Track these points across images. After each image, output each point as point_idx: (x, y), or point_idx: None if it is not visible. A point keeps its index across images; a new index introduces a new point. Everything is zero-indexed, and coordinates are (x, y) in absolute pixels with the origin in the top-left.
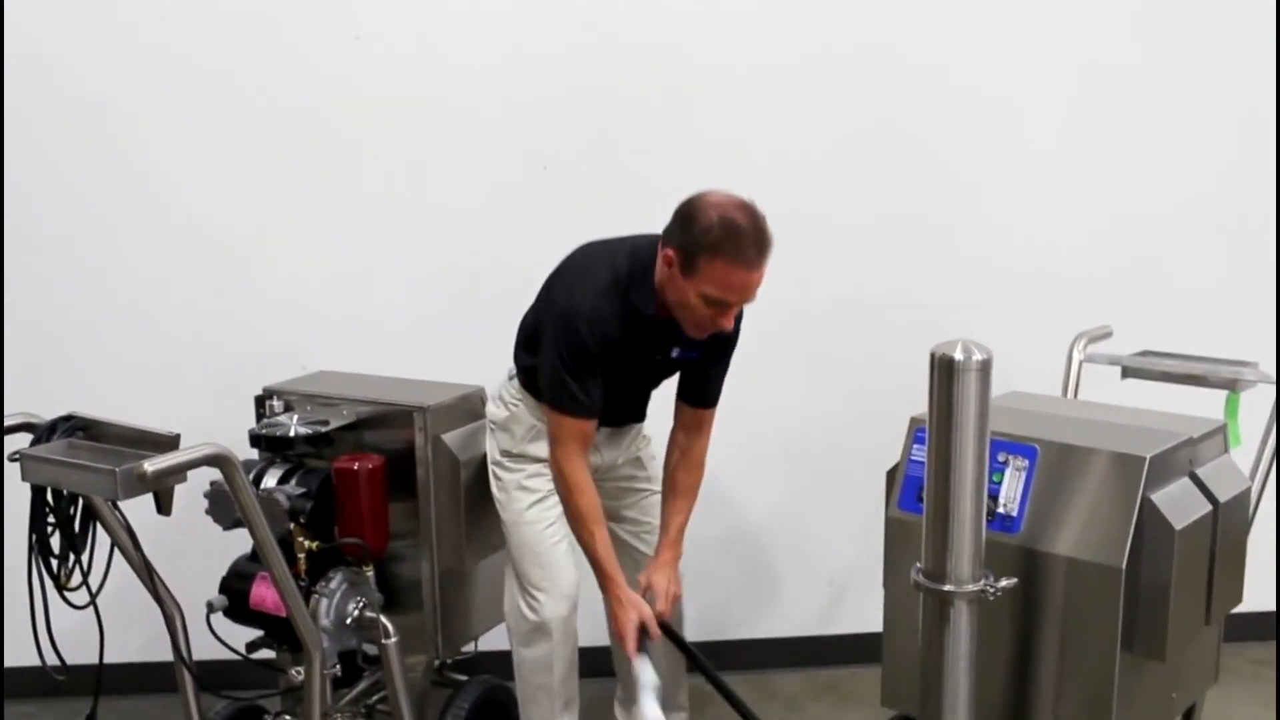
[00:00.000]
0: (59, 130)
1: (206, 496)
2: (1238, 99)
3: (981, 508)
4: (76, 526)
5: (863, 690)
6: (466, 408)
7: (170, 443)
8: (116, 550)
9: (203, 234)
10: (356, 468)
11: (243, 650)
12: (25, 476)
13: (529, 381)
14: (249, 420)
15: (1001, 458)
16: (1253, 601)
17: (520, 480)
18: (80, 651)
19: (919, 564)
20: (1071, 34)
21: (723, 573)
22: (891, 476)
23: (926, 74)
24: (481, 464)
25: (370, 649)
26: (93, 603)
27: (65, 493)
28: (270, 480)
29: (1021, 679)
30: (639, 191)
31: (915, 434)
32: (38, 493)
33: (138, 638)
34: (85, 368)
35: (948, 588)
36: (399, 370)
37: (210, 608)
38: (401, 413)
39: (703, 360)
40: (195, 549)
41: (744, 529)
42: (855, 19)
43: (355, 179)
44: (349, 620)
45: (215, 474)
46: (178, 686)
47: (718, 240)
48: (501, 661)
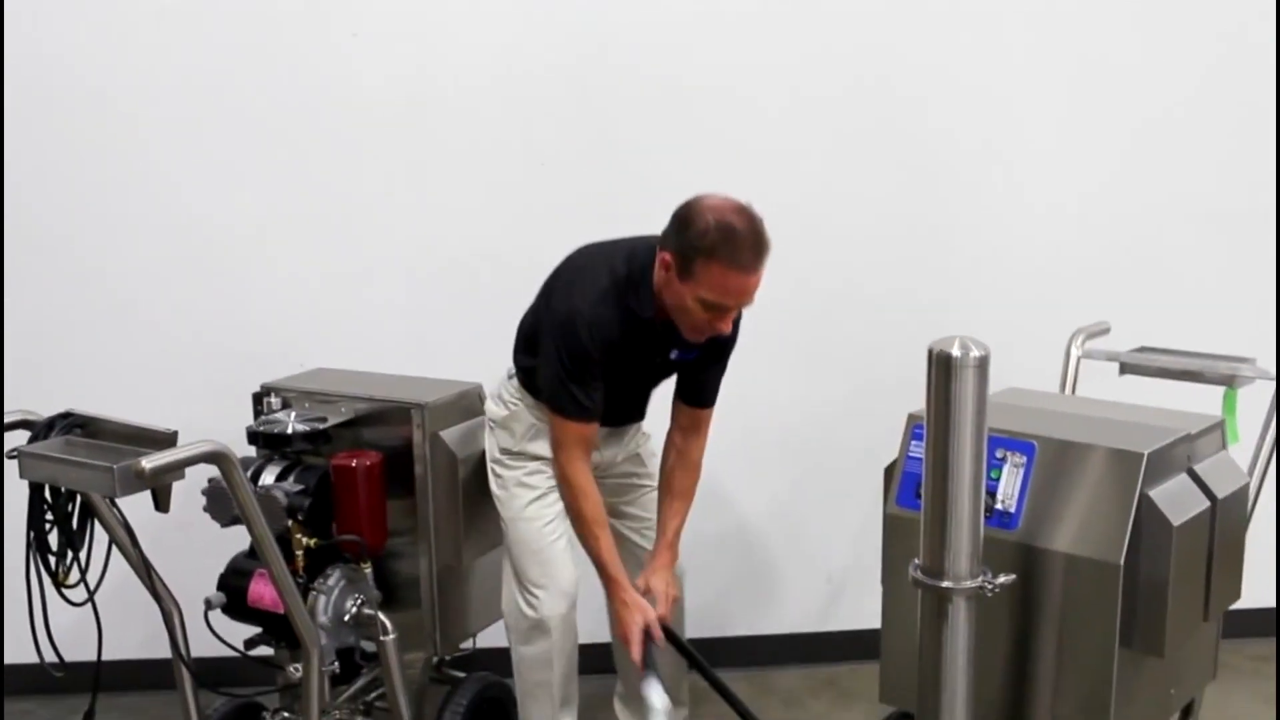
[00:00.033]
0: (58, 129)
1: (204, 494)
2: (1235, 95)
3: (979, 504)
4: (75, 524)
5: (861, 687)
6: (464, 405)
7: (168, 440)
8: (114, 547)
9: (201, 232)
10: (354, 465)
11: (241, 647)
12: (23, 474)
13: (528, 381)
14: (247, 418)
15: (999, 454)
16: (1251, 598)
17: (520, 477)
18: (78, 648)
19: (917, 560)
20: (1069, 32)
21: (721, 570)
22: (889, 473)
23: (925, 73)
24: (479, 461)
25: (368, 646)
26: (91, 600)
27: (63, 490)
28: (268, 477)
29: (1020, 675)
30: (639, 191)
31: (913, 430)
32: (36, 490)
33: (136, 635)
34: (84, 365)
35: (946, 584)
36: (398, 369)
37: (208, 605)
38: (399, 410)
39: (701, 362)
40: (193, 546)
41: (743, 526)
42: (855, 19)
43: (355, 178)
44: (347, 617)
45: (213, 471)
46: (176, 683)
47: (714, 244)
48: (500, 658)
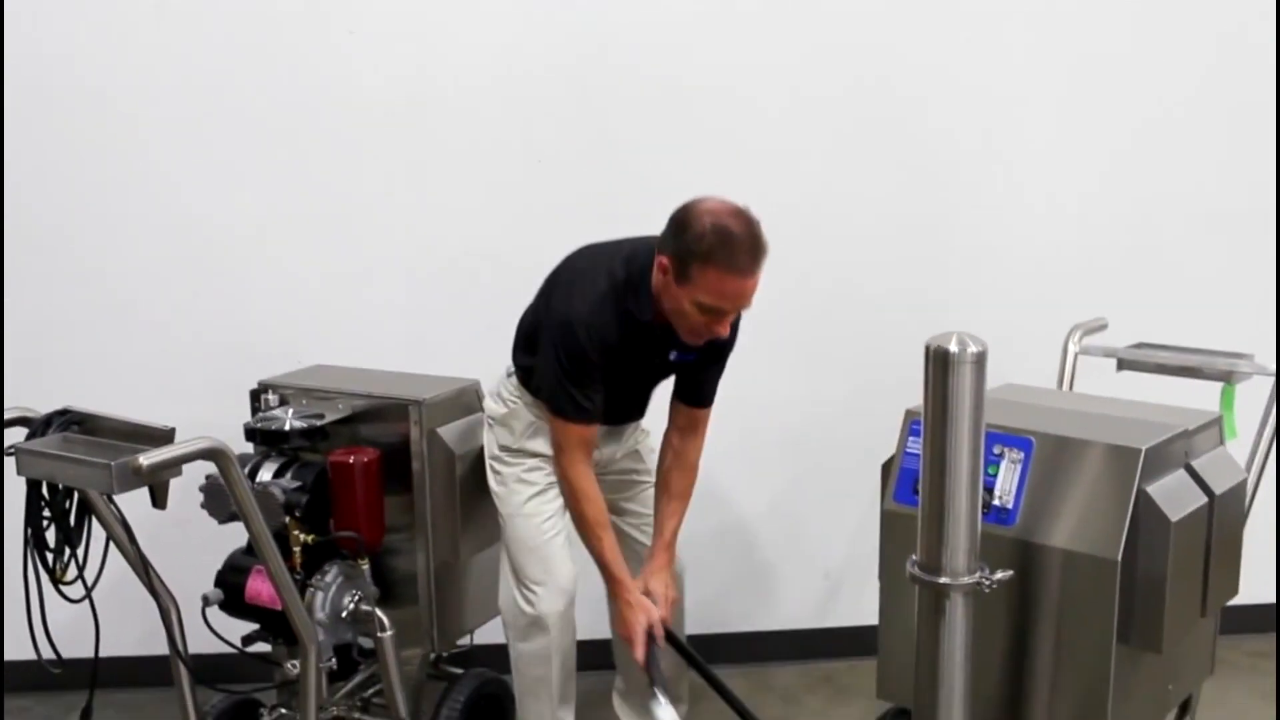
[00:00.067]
0: (57, 128)
1: (202, 490)
2: (1234, 94)
3: (977, 500)
4: (72, 520)
5: (859, 683)
6: (462, 401)
7: (165, 437)
8: (112, 544)
9: (200, 230)
10: (352, 461)
11: (238, 644)
12: (21, 471)
13: (527, 379)
14: (245, 415)
15: (997, 450)
16: (1249, 594)
17: (519, 474)
18: (76, 645)
19: (914, 556)
20: (1069, 31)
21: (719, 566)
22: (887, 469)
23: (925, 72)
24: (477, 458)
25: (366, 642)
26: (88, 596)
27: (61, 487)
28: (265, 474)
29: (1017, 671)
30: (638, 190)
31: (911, 427)
32: (33, 487)
33: (133, 631)
34: (81, 363)
35: (943, 580)
36: (397, 368)
37: (206, 601)
38: (397, 406)
39: (700, 362)
40: (191, 543)
41: (740, 522)
42: (854, 18)
43: (354, 177)
44: (344, 613)
45: (211, 468)
46: (173, 680)
47: (710, 248)
48: (497, 655)
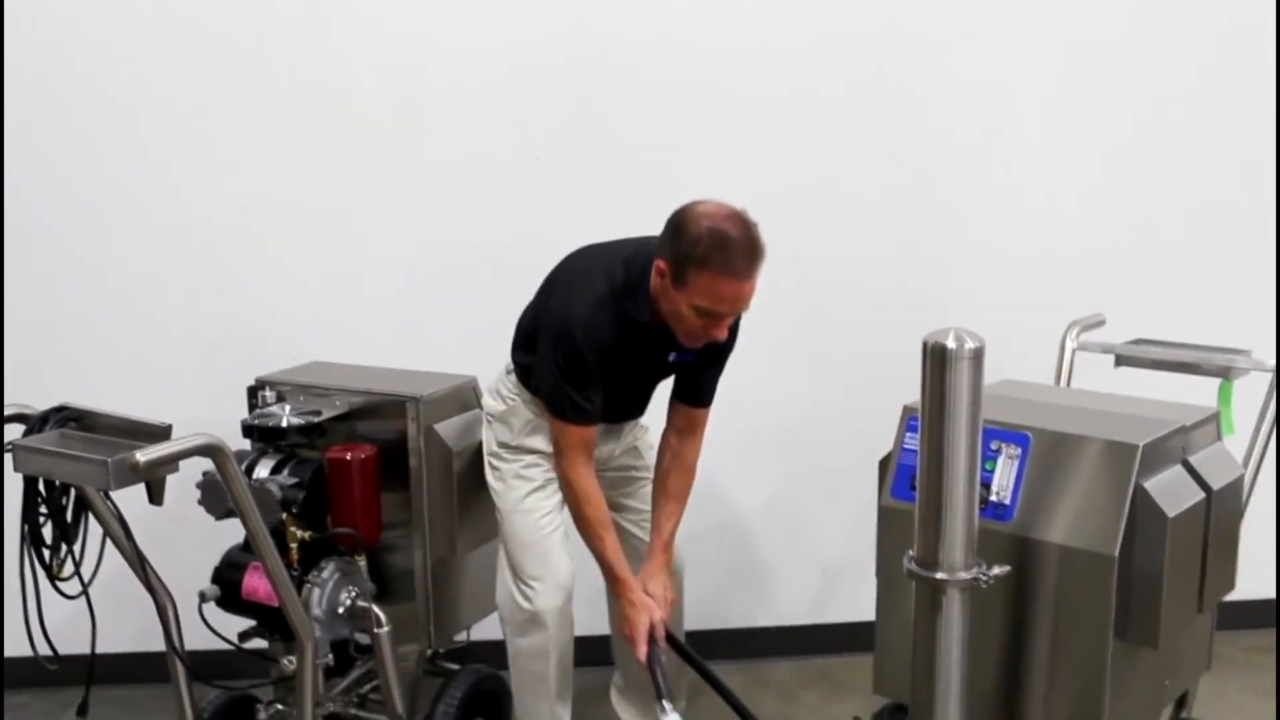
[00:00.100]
0: (55, 124)
1: (199, 487)
2: (1232, 89)
3: (974, 496)
4: (69, 517)
5: (855, 679)
6: (459, 398)
7: (162, 433)
8: (108, 540)
9: (199, 228)
10: (349, 458)
11: (235, 640)
12: (17, 467)
13: (526, 377)
14: (242, 412)
15: (994, 446)
16: (1246, 589)
17: (517, 470)
18: (72, 641)
19: (911, 552)
20: (1067, 26)
21: (716, 562)
22: (884, 465)
23: (921, 65)
24: (474, 454)
25: (362, 638)
26: (85, 593)
27: (57, 483)
28: (262, 470)
29: (1014, 667)
30: (637, 188)
31: (908, 422)
32: (30, 483)
33: (130, 628)
34: (80, 360)
35: (940, 576)
36: (395, 366)
37: (202, 598)
38: (394, 403)
39: (699, 363)
40: (187, 539)
41: (738, 519)
42: (850, 11)
43: (353, 175)
44: (341, 610)
45: (208, 464)
46: (170, 676)
47: (706, 252)
48: (494, 650)
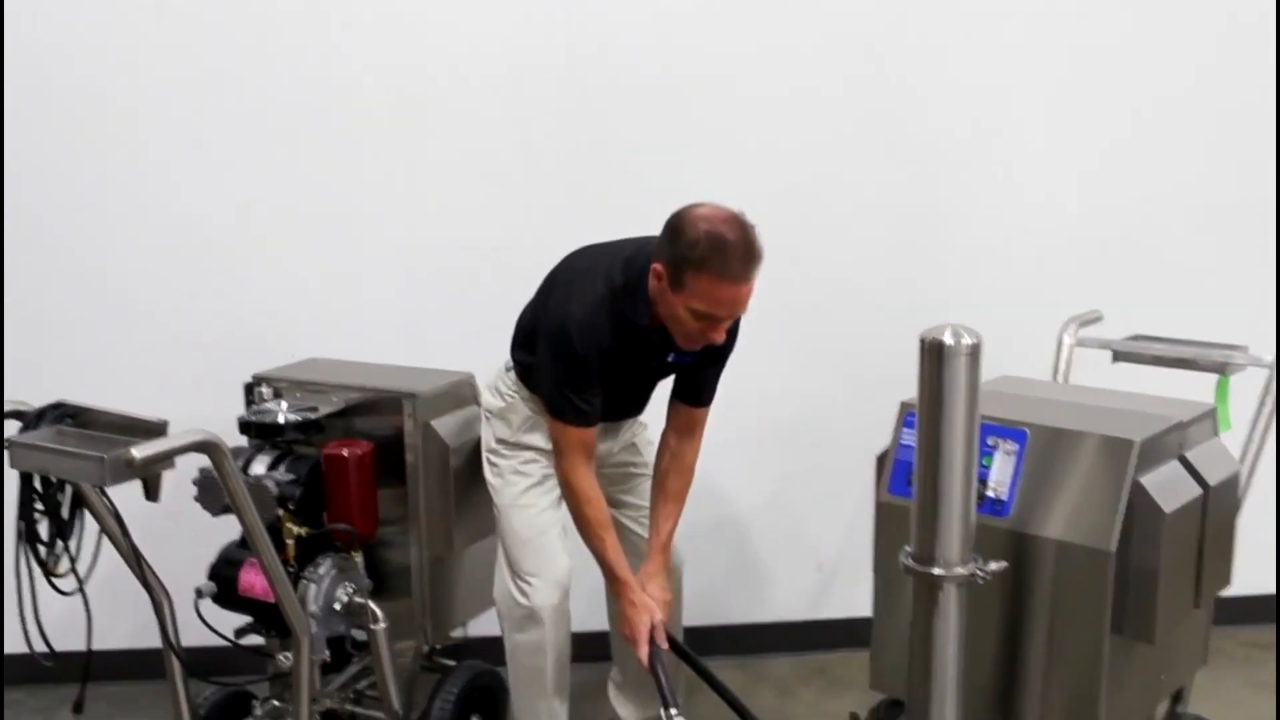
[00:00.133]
0: (53, 121)
1: (195, 483)
2: (1231, 86)
3: (971, 491)
4: (65, 513)
5: (852, 675)
6: (456, 394)
7: (158, 429)
8: (105, 537)
9: (198, 226)
10: (345, 454)
11: (231, 636)
12: (13, 464)
13: (525, 375)
14: (239, 409)
15: (991, 441)
16: (1243, 585)
17: (515, 465)
18: (68, 638)
19: (908, 548)
20: (1065, 23)
21: (714, 558)
22: (881, 461)
23: (920, 62)
24: (471, 450)
25: (359, 635)
26: (81, 589)
27: (54, 480)
28: (259, 467)
29: (1011, 662)
30: (636, 186)
31: (905, 418)
32: (26, 480)
33: (126, 624)
34: (76, 357)
35: (937, 571)
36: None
37: (199, 594)
38: (391, 399)
39: (699, 364)
40: (184, 535)
41: (735, 515)
42: (850, 11)
43: (351, 173)
44: (338, 606)
45: (204, 461)
46: (166, 673)
47: (703, 256)
48: (491, 646)
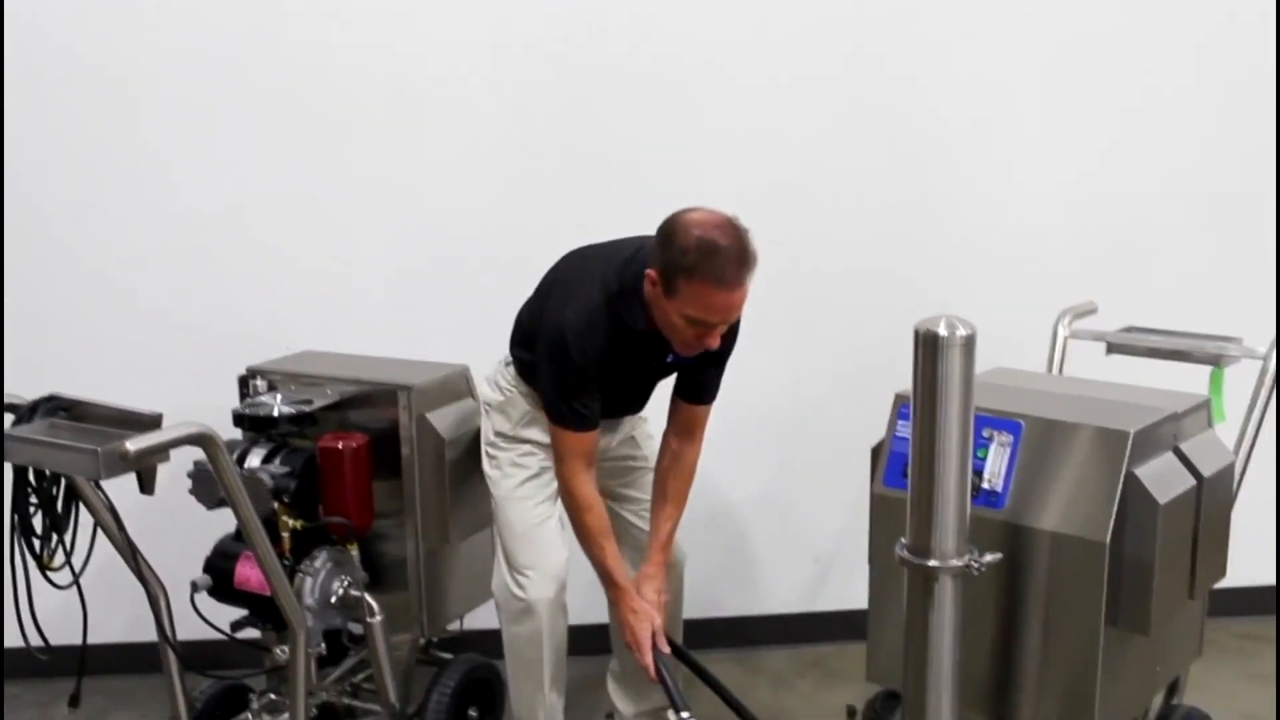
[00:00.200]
0: (48, 114)
1: (190, 476)
2: (1228, 77)
3: (966, 483)
4: (59, 507)
5: (848, 666)
6: (452, 387)
7: (153, 422)
8: (99, 530)
9: (193, 219)
10: (340, 447)
11: (227, 630)
12: (7, 457)
13: (524, 371)
14: (234, 402)
15: (986, 433)
16: (1238, 576)
17: (513, 458)
18: (64, 632)
19: (904, 540)
20: (1061, 14)
21: (709, 551)
22: (876, 453)
23: (915, 53)
24: (467, 443)
25: (355, 628)
26: (76, 583)
27: (48, 473)
28: (254, 460)
29: (1006, 653)
30: (631, 178)
31: (900, 410)
32: (20, 473)
33: (121, 617)
34: (71, 350)
35: (932, 563)
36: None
37: (194, 587)
38: (386, 392)
39: (698, 364)
40: (179, 529)
41: (731, 508)
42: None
43: (344, 166)
44: (333, 599)
45: (199, 454)
46: (162, 666)
47: (695, 262)
48: (487, 639)
